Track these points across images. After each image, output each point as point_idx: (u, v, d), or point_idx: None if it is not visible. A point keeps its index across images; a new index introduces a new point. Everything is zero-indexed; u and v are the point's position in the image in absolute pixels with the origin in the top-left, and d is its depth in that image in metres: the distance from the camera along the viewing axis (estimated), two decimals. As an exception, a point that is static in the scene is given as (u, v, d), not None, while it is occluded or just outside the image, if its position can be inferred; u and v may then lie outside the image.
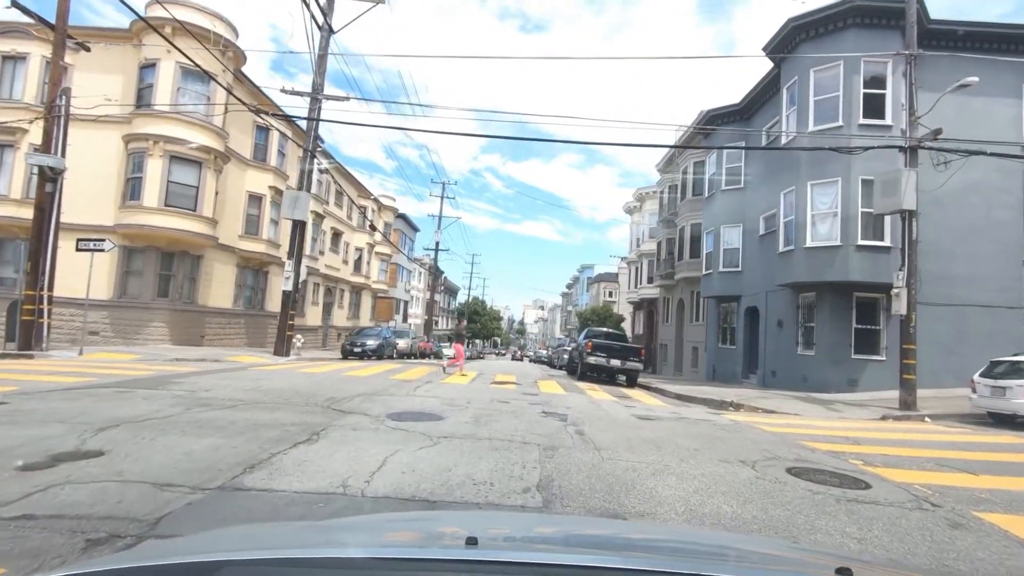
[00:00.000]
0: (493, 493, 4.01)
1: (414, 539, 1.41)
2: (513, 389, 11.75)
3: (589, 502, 3.96)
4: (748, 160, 20.12)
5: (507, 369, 20.90)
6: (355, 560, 1.01)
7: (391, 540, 1.35)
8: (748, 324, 19.65)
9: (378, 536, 1.44)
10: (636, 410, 9.85)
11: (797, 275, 14.91)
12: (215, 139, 17.94)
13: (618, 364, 15.67)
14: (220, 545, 1.26)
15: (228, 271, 21.04)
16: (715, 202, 21.48)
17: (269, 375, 11.07)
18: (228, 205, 20.59)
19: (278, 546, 1.20)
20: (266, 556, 1.05)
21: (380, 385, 10.45)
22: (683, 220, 25.59)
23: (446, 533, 1.47)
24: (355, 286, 36.76)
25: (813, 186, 14.55)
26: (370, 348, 21.18)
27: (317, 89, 17.31)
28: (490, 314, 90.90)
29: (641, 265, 34.30)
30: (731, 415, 10.21)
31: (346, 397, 8.42)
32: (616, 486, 4.39)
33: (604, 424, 7.56)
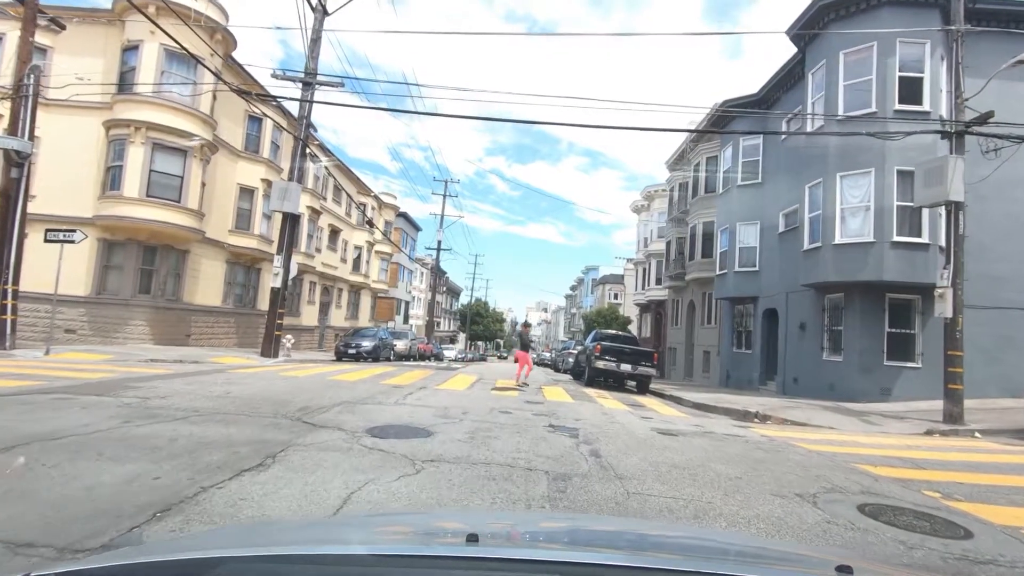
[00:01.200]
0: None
1: (415, 536, 1.41)
2: (516, 396, 10.65)
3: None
4: (766, 153, 18.99)
5: (510, 373, 19.79)
6: (356, 557, 1.01)
7: (392, 537, 1.37)
8: (766, 327, 18.50)
9: (379, 533, 1.44)
10: (654, 423, 8.74)
11: (824, 274, 13.77)
12: (202, 126, 16.94)
13: (629, 369, 14.55)
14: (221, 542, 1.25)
15: (217, 267, 20.02)
16: (730, 198, 20.36)
17: (246, 379, 10.00)
18: (217, 198, 19.58)
19: (279, 543, 1.20)
20: (267, 553, 1.04)
21: (367, 391, 9.37)
22: (695, 218, 24.46)
23: (447, 530, 1.49)
24: (354, 285, 35.73)
25: (843, 178, 13.42)
26: (365, 350, 20.11)
27: (310, 73, 16.28)
28: (493, 316, 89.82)
29: (649, 266, 33.16)
30: (761, 429, 9.09)
31: (324, 406, 7.33)
32: (653, 540, 3.27)
33: (622, 442, 6.46)
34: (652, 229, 33.36)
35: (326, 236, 30.41)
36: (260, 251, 21.78)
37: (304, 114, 16.43)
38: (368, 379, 11.52)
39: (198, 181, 17.08)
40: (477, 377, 14.71)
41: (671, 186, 29.13)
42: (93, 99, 16.30)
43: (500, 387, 12.30)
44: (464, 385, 11.94)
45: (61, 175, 16.16)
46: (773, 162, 18.48)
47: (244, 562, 0.94)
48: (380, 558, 1.00)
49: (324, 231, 29.99)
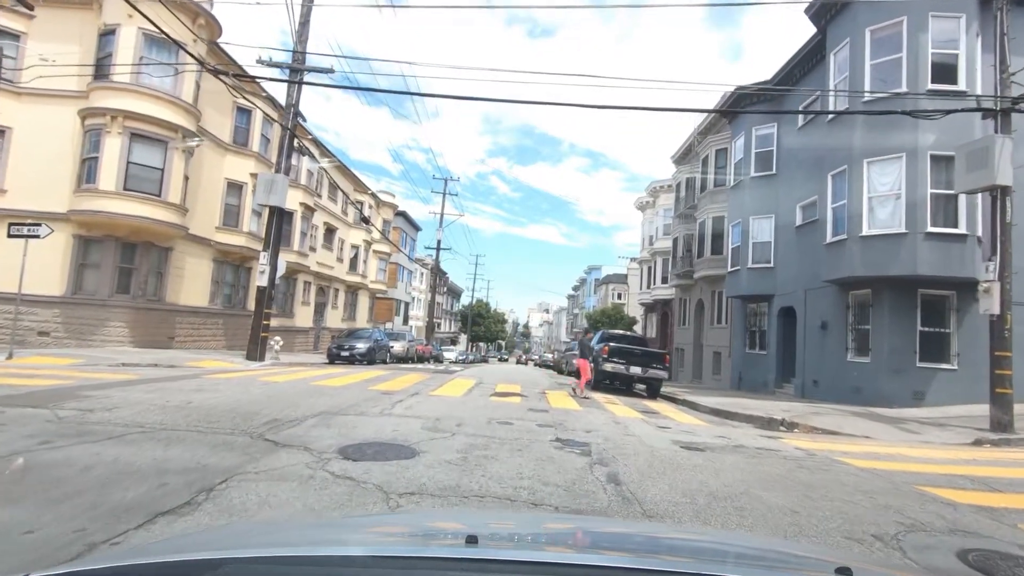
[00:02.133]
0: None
1: (414, 537, 1.40)
2: (518, 403, 9.67)
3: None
4: (781, 142, 17.98)
5: (511, 376, 18.80)
6: (356, 558, 1.01)
7: (391, 538, 1.37)
8: (782, 327, 17.48)
9: (378, 534, 1.44)
10: (674, 433, 7.76)
11: (850, 269, 12.76)
12: (184, 116, 15.99)
13: (639, 372, 13.56)
14: (222, 543, 1.26)
15: (203, 266, 19.07)
16: (742, 192, 19.36)
17: (219, 385, 9.03)
18: (203, 193, 18.63)
19: (279, 544, 1.19)
20: (268, 554, 1.04)
21: (351, 399, 8.39)
22: (703, 214, 23.46)
23: (447, 531, 1.49)
24: (351, 285, 34.77)
25: (870, 164, 12.42)
26: (359, 352, 19.14)
27: (298, 59, 15.33)
28: (494, 317, 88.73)
29: (655, 264, 32.15)
30: (792, 439, 8.10)
31: (296, 418, 6.35)
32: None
33: (643, 461, 5.47)
34: (657, 226, 32.35)
35: (321, 234, 29.46)
36: (249, 249, 20.82)
37: (292, 102, 15.47)
38: (356, 384, 10.54)
39: (180, 174, 16.13)
40: (476, 381, 13.73)
41: (677, 181, 28.13)
42: (69, 87, 15.37)
43: (500, 392, 11.31)
44: (461, 391, 10.96)
45: (35, 169, 15.23)
46: (789, 152, 17.47)
47: (244, 563, 0.94)
48: (379, 559, 1.00)
49: (319, 229, 29.04)
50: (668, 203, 30.90)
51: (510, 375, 19.92)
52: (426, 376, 14.18)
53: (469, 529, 1.19)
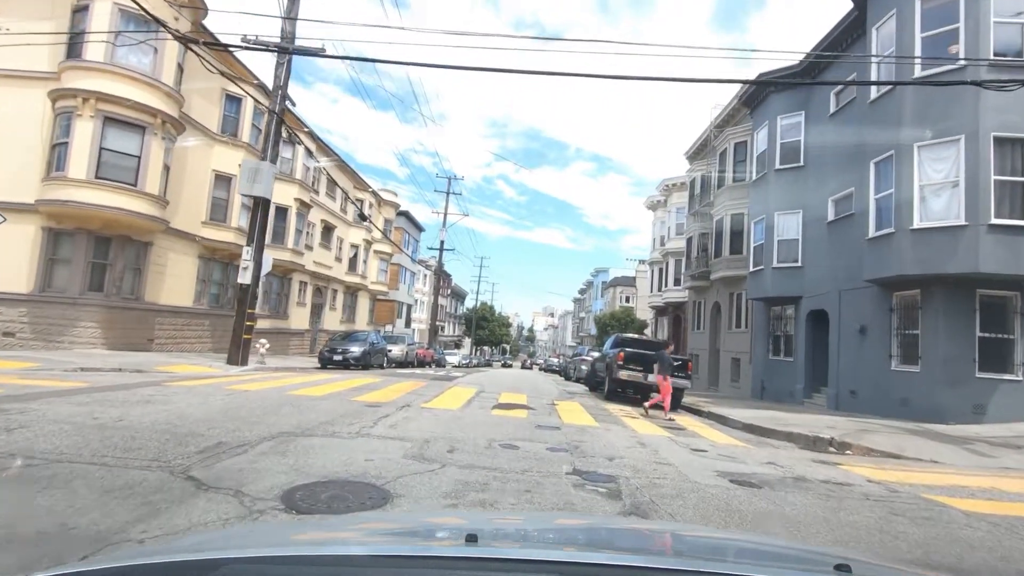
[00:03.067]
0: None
1: (414, 536, 1.39)
2: (524, 418, 8.33)
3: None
4: (809, 131, 16.59)
5: (516, 383, 17.46)
6: (356, 557, 1.01)
7: (391, 537, 1.35)
8: (811, 331, 16.06)
9: (379, 533, 1.42)
10: (712, 458, 6.41)
11: (897, 267, 11.36)
12: (164, 100, 14.78)
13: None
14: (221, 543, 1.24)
15: (187, 263, 17.85)
16: (766, 186, 17.97)
17: (174, 396, 7.74)
18: (188, 185, 17.43)
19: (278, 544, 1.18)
20: (266, 554, 1.02)
21: (327, 413, 7.07)
22: (721, 211, 22.08)
23: (447, 530, 1.49)
24: (350, 286, 33.54)
25: (922, 149, 11.03)
26: (353, 356, 17.85)
27: (287, 38, 14.11)
28: (499, 320, 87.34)
29: (667, 265, 30.73)
30: (854, 466, 6.72)
31: (246, 442, 5.05)
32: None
33: (691, 506, 4.12)
34: (670, 226, 30.94)
35: (319, 233, 28.24)
36: (238, 245, 19.53)
37: (280, 84, 14.24)
38: (338, 394, 9.22)
39: (159, 162, 14.90)
40: (477, 390, 12.39)
41: (692, 178, 26.76)
42: (39, 68, 14.22)
43: (504, 404, 9.97)
44: (459, 402, 9.62)
45: (2, 156, 14.05)
46: (819, 141, 16.09)
47: (243, 563, 0.93)
48: (379, 559, 0.99)
49: (316, 227, 27.82)
50: (681, 201, 29.51)
51: (515, 382, 18.58)
52: (422, 383, 12.85)
53: (469, 528, 1.17)
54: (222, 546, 1.20)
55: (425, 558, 1.02)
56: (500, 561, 0.97)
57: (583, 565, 0.99)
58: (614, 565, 0.99)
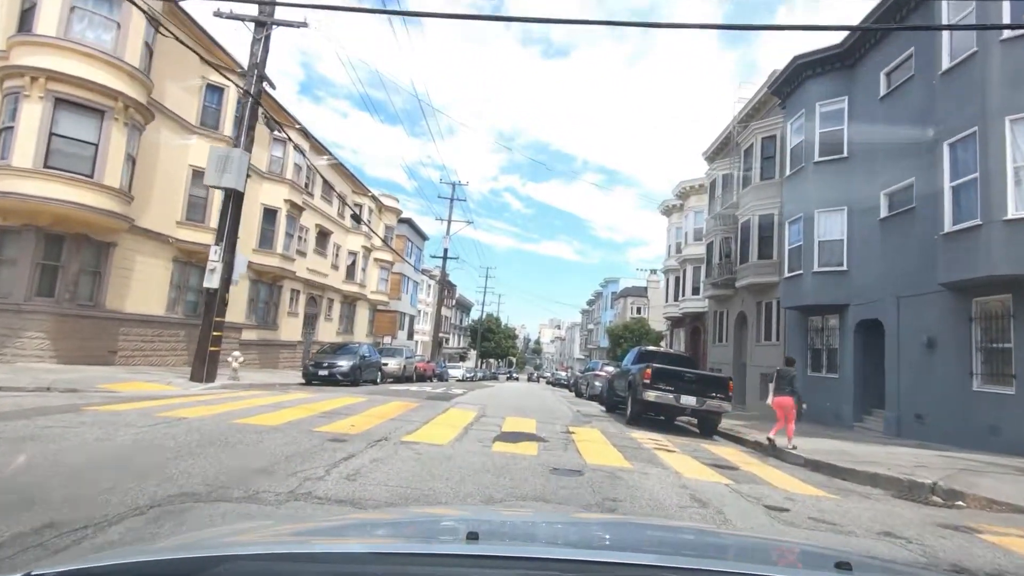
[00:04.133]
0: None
1: (415, 534, 1.40)
2: (534, 456, 6.40)
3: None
4: (854, 117, 14.71)
5: (522, 403, 15.52)
6: (357, 555, 1.01)
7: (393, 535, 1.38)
8: (861, 344, 14.06)
9: (379, 531, 1.43)
10: (801, 525, 4.48)
11: (986, 266, 9.40)
12: (128, 82, 13.15)
13: (692, 403, 10.23)
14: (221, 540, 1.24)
15: (158, 267, 16.12)
16: (802, 182, 16.07)
17: (85, 425, 5.91)
18: (161, 181, 15.77)
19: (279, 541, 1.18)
20: (267, 551, 1.02)
21: (266, 456, 5.19)
22: (747, 212, 20.17)
23: (447, 528, 1.47)
24: (348, 296, 31.78)
25: (1014, 123, 9.11)
26: (340, 371, 15.97)
27: (265, 10, 12.47)
28: (505, 332, 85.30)
29: (683, 273, 28.77)
30: (1002, 536, 4.75)
31: (99, 518, 3.16)
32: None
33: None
34: (687, 231, 29.01)
35: (312, 238, 26.55)
36: (220, 249, 17.88)
37: (255, 62, 12.58)
38: (301, 422, 7.33)
39: (120, 152, 13.22)
40: (477, 413, 10.45)
41: (712, 179, 24.90)
42: (-13, 46, 12.62)
43: (509, 433, 8.04)
44: (452, 432, 7.70)
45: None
46: (867, 128, 14.20)
47: (245, 560, 0.92)
48: (380, 556, 0.99)
49: (310, 232, 26.14)
50: (700, 204, 27.62)
51: (521, 400, 16.62)
52: (414, 404, 10.93)
53: (470, 526, 1.15)
54: (224, 543, 1.17)
55: (426, 556, 1.00)
56: (501, 559, 0.94)
57: (584, 563, 0.96)
58: (616, 563, 0.96)
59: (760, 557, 1.34)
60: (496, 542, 1.18)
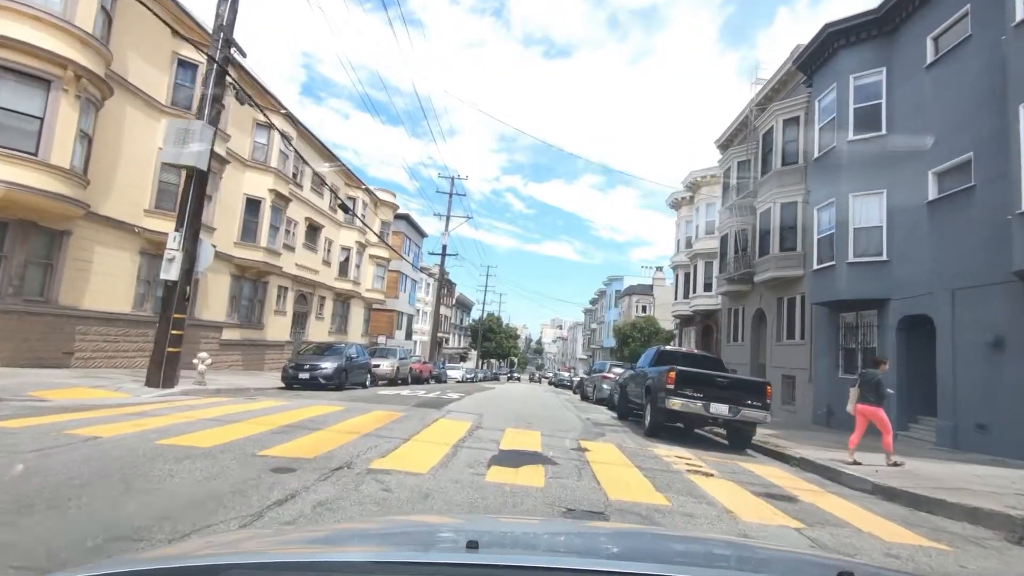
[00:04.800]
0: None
1: (415, 542, 1.40)
2: (539, 489, 4.89)
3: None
4: (894, 90, 13.19)
5: (524, 409, 14.04)
6: (357, 563, 0.99)
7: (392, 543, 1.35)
8: (905, 343, 12.54)
9: (380, 539, 1.42)
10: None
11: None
12: (80, 50, 11.67)
13: (725, 412, 8.71)
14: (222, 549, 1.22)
15: (123, 259, 14.65)
16: (834, 164, 14.54)
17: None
18: (126, 165, 14.31)
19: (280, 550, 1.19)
20: (267, 560, 1.02)
21: (167, 500, 3.68)
22: (767, 201, 18.62)
23: (448, 537, 1.46)
24: (341, 293, 30.28)
25: (1117, 77, 7.57)
26: (324, 373, 14.47)
27: (230, -33, 10.98)
28: (506, 332, 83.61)
29: (694, 269, 27.21)
30: None
31: None
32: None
33: None
34: (698, 224, 27.45)
35: (302, 232, 25.06)
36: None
37: (221, 23, 11.08)
38: (246, 442, 5.83)
39: (71, 128, 11.74)
40: (471, 424, 8.94)
41: (726, 167, 23.34)
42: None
43: (508, 454, 6.52)
44: (437, 452, 6.18)
45: None
46: (911, 99, 12.69)
47: (245, 569, 0.92)
48: (380, 564, 0.97)
49: (299, 225, 24.65)
50: (713, 196, 26.07)
51: (523, 405, 15.11)
52: (398, 414, 9.42)
53: (471, 534, 1.18)
54: (224, 551, 1.17)
55: (426, 564, 1.00)
56: (501, 568, 0.95)
57: (585, 572, 0.94)
58: (618, 572, 0.95)
59: (763, 566, 1.35)
60: (497, 550, 1.18)
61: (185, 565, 0.96)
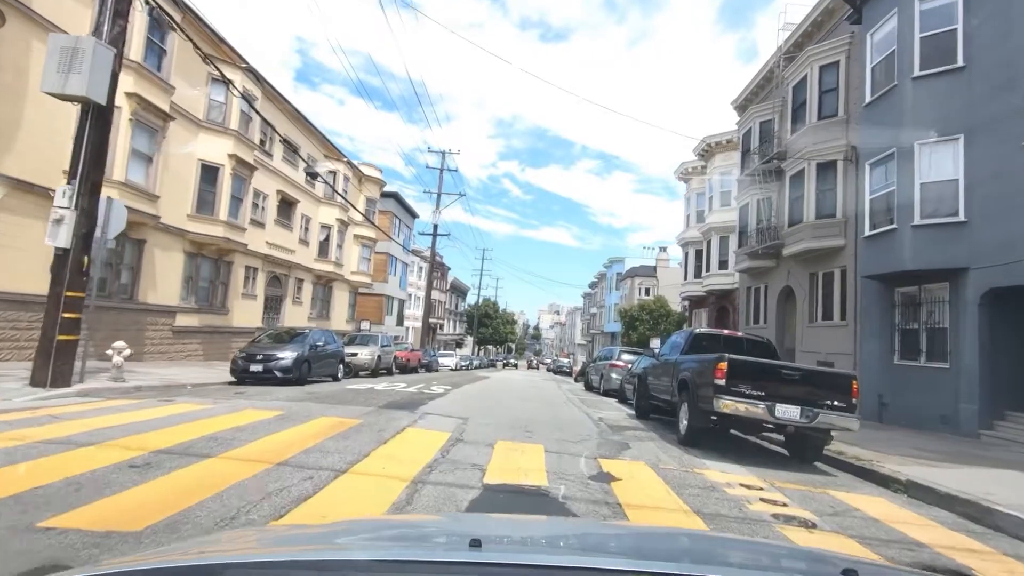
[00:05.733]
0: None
1: (417, 541, 1.38)
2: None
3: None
4: (976, 5, 10.67)
5: (521, 407, 11.73)
6: (358, 562, 0.99)
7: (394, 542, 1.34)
8: (988, 322, 10.23)
9: (381, 538, 1.41)
10: None
11: None
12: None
13: (796, 417, 6.36)
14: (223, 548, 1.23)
15: (34, 230, 12.14)
16: (893, 106, 12.10)
17: None
18: (32, 114, 11.76)
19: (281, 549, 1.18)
20: (269, 559, 1.02)
21: None
22: (799, 161, 16.18)
23: (451, 535, 1.45)
24: (321, 276, 27.78)
25: None
26: (281, 365, 12.06)
27: None
28: (503, 317, 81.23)
29: (708, 245, 24.77)
30: None
31: None
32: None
33: None
34: (712, 196, 24.94)
35: (273, 206, 22.49)
36: (133, 210, 13.96)
37: (121, -86, 8.48)
38: (42, 495, 3.41)
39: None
40: (451, 434, 6.56)
41: (745, 129, 20.82)
42: None
43: (498, 488, 4.16)
44: (383, 498, 3.78)
45: None
46: (996, 21, 10.21)
47: (246, 568, 0.92)
48: (382, 563, 0.97)
49: (270, 199, 22.07)
50: (728, 163, 23.58)
51: (521, 400, 12.79)
52: (352, 422, 7.02)
53: (473, 533, 1.15)
54: (224, 551, 1.17)
55: (429, 563, 1.00)
56: (504, 567, 0.95)
57: (588, 570, 0.95)
58: (621, 571, 0.95)
59: (767, 563, 1.34)
60: (499, 549, 1.16)
61: (186, 564, 0.95)
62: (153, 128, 14.60)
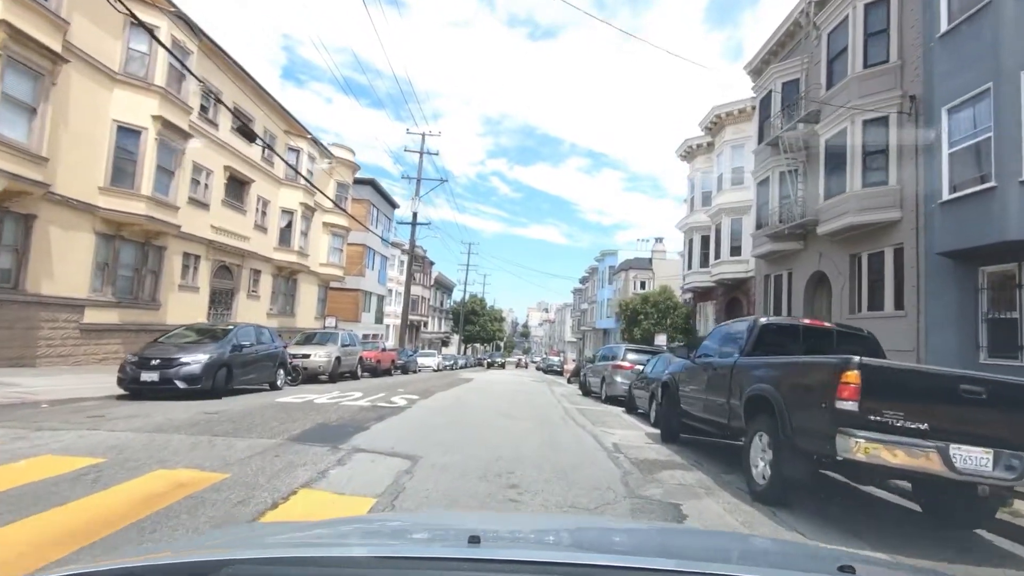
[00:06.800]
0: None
1: (417, 537, 1.37)
2: None
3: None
4: None
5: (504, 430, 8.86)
6: (359, 559, 0.99)
7: (394, 538, 1.35)
8: None
9: (381, 534, 1.41)
10: None
11: None
12: None
13: (987, 468, 3.53)
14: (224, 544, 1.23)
15: None
16: (983, 33, 9.42)
17: None
18: None
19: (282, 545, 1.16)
20: (269, 555, 1.01)
21: None
22: (839, 120, 13.46)
23: (449, 531, 1.46)
24: (283, 267, 24.63)
25: None
26: (185, 372, 9.00)
27: None
28: (491, 314, 78.13)
29: (717, 230, 22.02)
30: None
31: None
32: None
33: None
34: (721, 174, 22.18)
35: (220, 184, 19.33)
36: (24, 179, 10.89)
37: None
38: None
39: None
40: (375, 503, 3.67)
41: (763, 94, 18.12)
42: None
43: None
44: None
45: None
46: None
47: (247, 564, 0.91)
48: (382, 560, 0.96)
49: (215, 175, 18.91)
50: (742, 136, 20.86)
51: (507, 415, 9.90)
52: (212, 478, 4.09)
53: (472, 529, 1.14)
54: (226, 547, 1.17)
55: (428, 559, 1.00)
56: (503, 563, 0.94)
57: (587, 567, 0.95)
58: (619, 567, 0.95)
59: (764, 560, 1.32)
60: (498, 545, 1.16)
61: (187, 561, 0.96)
62: (35, 70, 11.46)
